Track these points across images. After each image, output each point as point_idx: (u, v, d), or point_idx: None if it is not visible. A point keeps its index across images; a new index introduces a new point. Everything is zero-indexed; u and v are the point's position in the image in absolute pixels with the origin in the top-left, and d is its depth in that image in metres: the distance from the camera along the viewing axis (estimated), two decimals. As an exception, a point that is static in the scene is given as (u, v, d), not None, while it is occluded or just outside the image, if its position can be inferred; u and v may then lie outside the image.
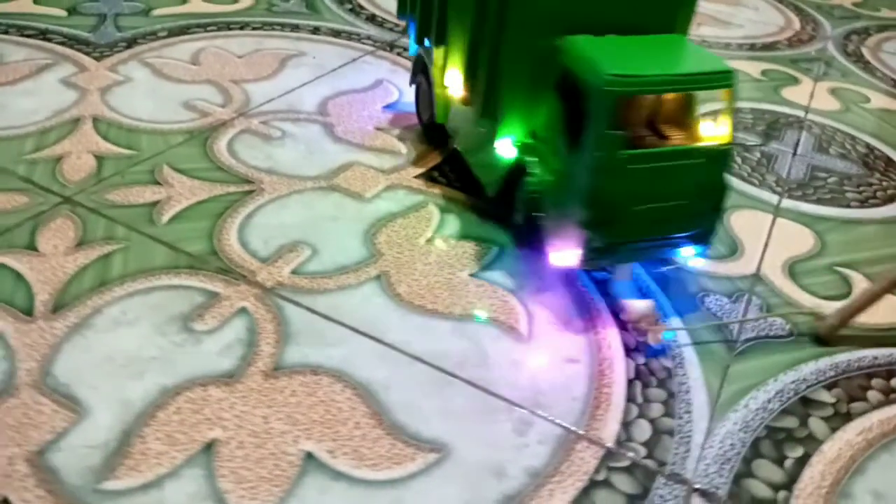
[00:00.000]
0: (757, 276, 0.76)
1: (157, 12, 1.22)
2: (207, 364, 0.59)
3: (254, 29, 1.20)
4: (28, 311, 0.62)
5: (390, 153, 0.90)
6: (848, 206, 0.91)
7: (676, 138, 0.66)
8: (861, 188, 0.95)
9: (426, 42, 0.87)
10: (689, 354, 0.65)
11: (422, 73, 0.91)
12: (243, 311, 0.64)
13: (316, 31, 1.22)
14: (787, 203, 0.89)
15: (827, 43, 1.45)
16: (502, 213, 0.77)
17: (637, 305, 0.66)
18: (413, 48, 0.93)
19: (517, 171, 0.72)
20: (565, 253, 0.66)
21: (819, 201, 0.91)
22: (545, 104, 0.67)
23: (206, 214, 0.75)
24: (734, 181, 0.92)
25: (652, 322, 0.65)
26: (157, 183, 0.80)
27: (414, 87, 0.94)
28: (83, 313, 0.62)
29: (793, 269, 0.78)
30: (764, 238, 0.82)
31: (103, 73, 1.01)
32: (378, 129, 0.95)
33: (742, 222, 0.85)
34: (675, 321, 0.68)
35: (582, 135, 0.62)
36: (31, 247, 0.69)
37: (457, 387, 0.59)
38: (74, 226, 0.72)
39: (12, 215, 0.73)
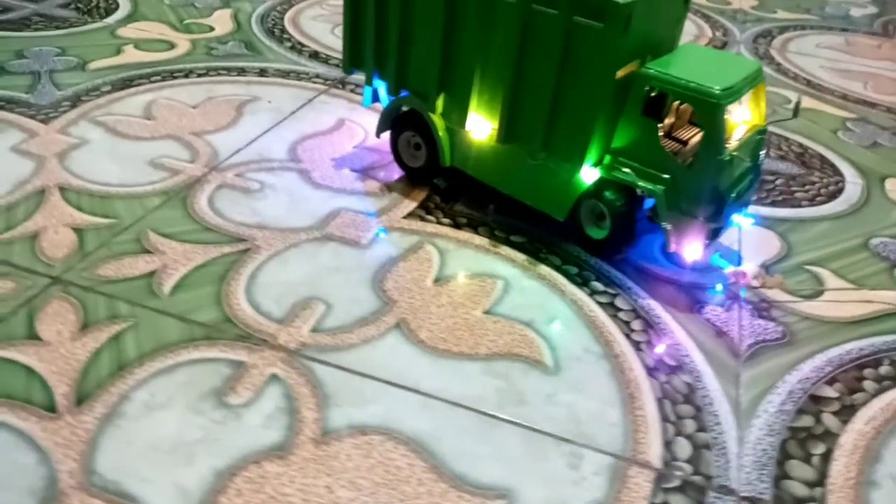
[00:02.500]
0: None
1: (93, 66, 1.17)
2: (255, 439, 0.58)
3: (199, 76, 1.17)
4: (50, 408, 0.59)
5: (373, 195, 0.91)
6: (800, 206, 0.98)
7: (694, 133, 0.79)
8: (806, 187, 1.03)
9: (403, 92, 0.88)
10: (704, 367, 0.69)
11: (403, 122, 0.91)
12: (275, 377, 0.63)
13: (263, 73, 1.21)
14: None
15: (739, 47, 1.55)
16: (578, 233, 0.83)
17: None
18: (368, 99, 0.95)
19: (597, 190, 0.78)
20: (693, 247, 0.76)
21: (773, 204, 0.98)
22: (627, 127, 0.74)
23: (209, 279, 0.74)
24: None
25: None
26: (147, 251, 0.77)
27: (389, 136, 0.94)
28: (110, 402, 0.60)
29: (769, 273, 0.84)
30: (736, 246, 0.88)
31: (55, 137, 0.96)
32: (354, 171, 0.95)
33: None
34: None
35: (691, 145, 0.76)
36: (33, 336, 0.65)
37: (502, 428, 0.61)
38: (73, 308, 0.69)
39: (2, 303, 0.69)
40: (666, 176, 0.73)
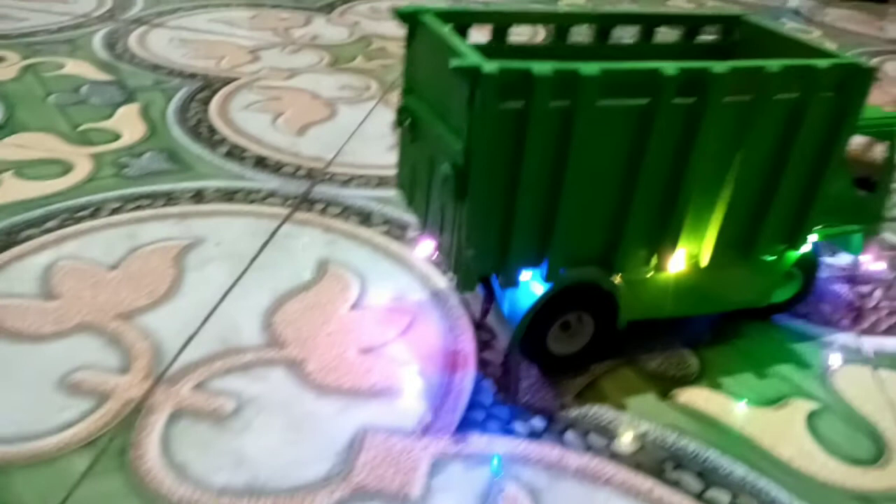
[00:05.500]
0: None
1: (-45, 211, 0.84)
2: None
3: (113, 212, 0.86)
4: None
5: (402, 393, 0.63)
6: (921, 330, 0.78)
7: None
8: (911, 298, 0.84)
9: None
10: None
11: (560, 305, 0.64)
12: None
13: (199, 196, 0.91)
14: (870, 343, 0.75)
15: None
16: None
17: None
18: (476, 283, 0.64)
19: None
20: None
21: (894, 331, 0.78)
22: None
23: None
24: (788, 319, 0.77)
25: None
26: (78, 583, 0.47)
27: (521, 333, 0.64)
28: None
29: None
30: (889, 413, 0.67)
31: None
32: (364, 351, 0.68)
33: (853, 391, 0.69)
34: None
35: None
36: None
37: None
38: None
39: None
40: (857, 213, 0.73)
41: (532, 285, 0.62)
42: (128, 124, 1.08)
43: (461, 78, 0.50)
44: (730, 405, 0.66)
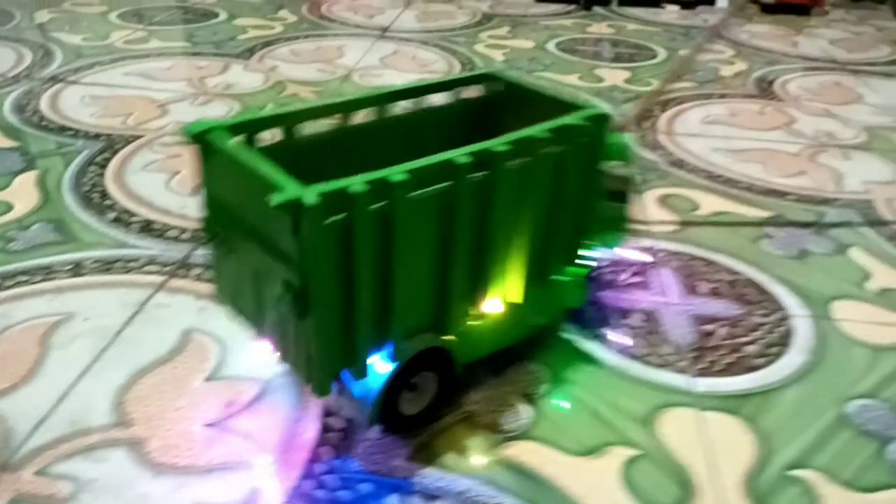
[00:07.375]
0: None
1: None
2: None
3: (-11, 292, 0.90)
4: None
5: (237, 467, 0.67)
6: (755, 368, 0.83)
7: None
8: (753, 335, 0.89)
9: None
10: None
11: (406, 374, 0.69)
12: None
13: (77, 269, 0.94)
14: (703, 384, 0.80)
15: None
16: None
17: None
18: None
19: None
20: None
21: (728, 370, 0.82)
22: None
23: None
24: (625, 363, 0.82)
25: None
26: None
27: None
28: None
29: (759, 496, 0.67)
30: (702, 455, 0.71)
31: None
32: (209, 425, 0.71)
33: (674, 436, 0.73)
34: None
35: None
36: None
37: None
38: None
39: None
40: (615, 222, 0.85)
41: (376, 365, 0.67)
42: (22, 194, 1.11)
43: (283, 212, 0.54)
44: (551, 456, 0.70)
